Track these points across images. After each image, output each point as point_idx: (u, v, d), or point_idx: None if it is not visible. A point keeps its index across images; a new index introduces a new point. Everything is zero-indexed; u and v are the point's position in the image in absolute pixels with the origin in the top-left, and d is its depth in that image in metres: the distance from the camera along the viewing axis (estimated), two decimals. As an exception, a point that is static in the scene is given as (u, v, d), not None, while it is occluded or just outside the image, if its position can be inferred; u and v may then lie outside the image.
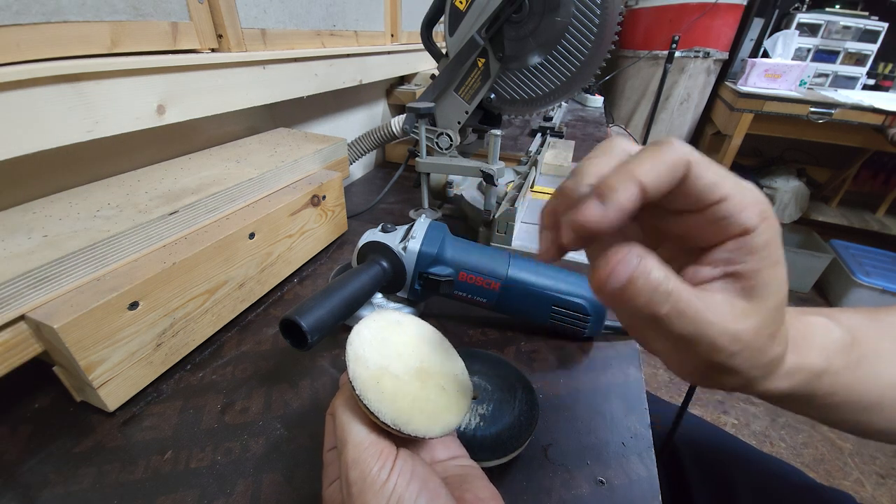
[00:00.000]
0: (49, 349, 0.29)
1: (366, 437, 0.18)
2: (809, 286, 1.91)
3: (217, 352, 0.38)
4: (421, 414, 0.19)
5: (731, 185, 0.15)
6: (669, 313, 0.15)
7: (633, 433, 0.32)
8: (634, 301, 0.15)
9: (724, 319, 0.15)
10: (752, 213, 0.15)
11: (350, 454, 0.18)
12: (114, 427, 0.31)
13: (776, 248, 0.16)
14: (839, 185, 2.10)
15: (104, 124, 0.36)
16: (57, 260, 0.28)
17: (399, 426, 0.18)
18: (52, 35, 0.32)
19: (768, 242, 0.15)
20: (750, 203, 0.15)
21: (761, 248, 0.15)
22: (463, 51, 0.49)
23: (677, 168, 0.15)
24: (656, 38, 1.85)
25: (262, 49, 0.51)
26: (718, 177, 0.15)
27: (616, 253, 0.15)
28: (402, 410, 0.18)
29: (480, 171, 0.50)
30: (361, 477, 0.17)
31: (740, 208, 0.15)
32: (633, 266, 0.15)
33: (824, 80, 1.86)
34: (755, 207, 0.15)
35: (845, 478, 1.17)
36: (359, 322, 0.22)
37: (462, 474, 0.21)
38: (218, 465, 0.29)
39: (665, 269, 0.15)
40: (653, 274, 0.15)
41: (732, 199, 0.15)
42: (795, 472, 0.45)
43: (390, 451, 0.18)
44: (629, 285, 0.15)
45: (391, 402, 0.18)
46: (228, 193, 0.41)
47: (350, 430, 0.18)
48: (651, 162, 0.14)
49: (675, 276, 0.15)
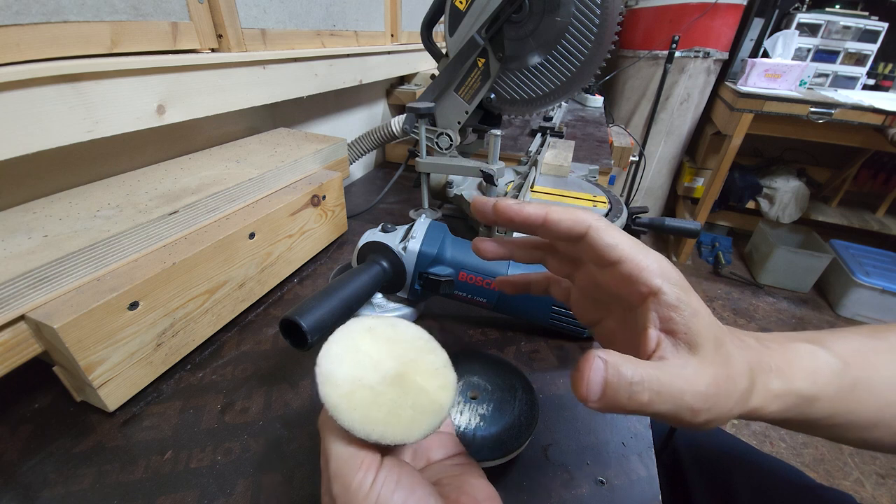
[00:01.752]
0: (49, 349, 0.29)
1: (345, 450, 0.18)
2: (809, 286, 1.91)
3: (217, 352, 0.38)
4: (398, 421, 0.19)
5: (627, 250, 0.18)
6: (651, 399, 0.16)
7: (633, 433, 0.32)
8: (618, 402, 0.16)
9: (690, 383, 0.17)
10: (651, 275, 0.18)
11: (332, 467, 0.18)
12: (114, 427, 0.31)
13: (690, 302, 0.18)
14: (839, 185, 2.10)
15: (104, 124, 0.36)
16: (57, 260, 0.28)
17: (375, 438, 0.18)
18: (53, 35, 0.32)
19: (679, 299, 0.18)
20: (647, 266, 0.18)
21: (676, 305, 0.17)
22: (463, 51, 0.49)
23: (578, 224, 0.19)
24: (656, 37, 1.85)
25: (262, 49, 0.51)
26: (615, 241, 0.19)
27: (583, 366, 0.16)
28: (377, 422, 0.18)
29: (480, 171, 0.50)
30: (344, 489, 0.17)
31: (638, 270, 0.18)
32: (601, 369, 0.16)
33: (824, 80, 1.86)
34: (651, 272, 0.18)
35: (845, 478, 1.17)
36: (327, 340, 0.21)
37: (459, 475, 0.21)
38: (218, 465, 0.29)
39: (630, 360, 0.16)
40: (622, 369, 0.16)
41: (629, 262, 0.18)
42: (795, 472, 0.45)
43: (372, 460, 0.18)
44: (608, 389, 0.16)
45: (364, 416, 0.18)
46: (228, 193, 0.41)
47: (330, 444, 0.18)
48: (563, 212, 0.20)
49: (640, 362, 0.17)
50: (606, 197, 0.53)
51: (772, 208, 2.00)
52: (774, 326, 1.73)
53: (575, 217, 0.19)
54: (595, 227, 0.19)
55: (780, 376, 0.20)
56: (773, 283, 1.96)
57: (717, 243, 2.20)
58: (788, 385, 0.20)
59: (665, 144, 2.08)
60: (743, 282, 2.01)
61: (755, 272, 2.03)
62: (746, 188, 2.02)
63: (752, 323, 1.75)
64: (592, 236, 0.19)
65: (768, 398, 0.19)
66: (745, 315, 1.79)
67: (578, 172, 0.63)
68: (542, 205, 0.20)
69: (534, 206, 0.20)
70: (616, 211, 0.51)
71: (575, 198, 0.53)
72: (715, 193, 1.89)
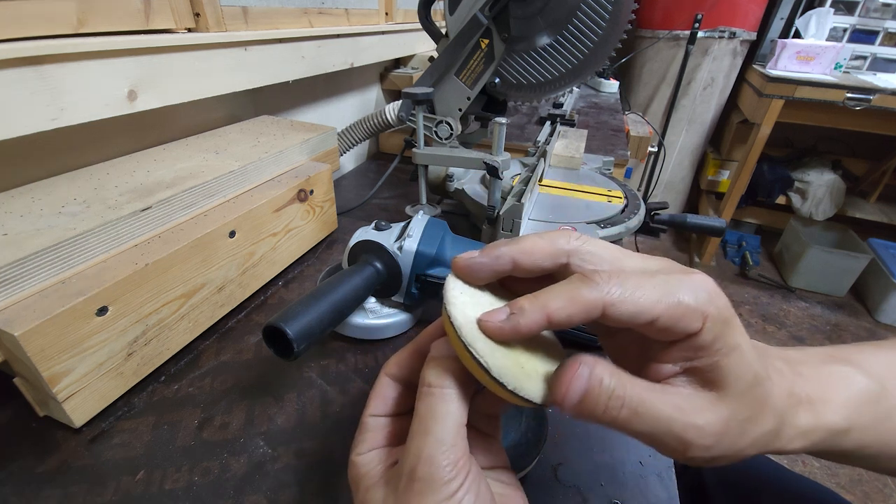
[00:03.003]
0: (9, 359, 0.29)
1: (451, 438, 0.18)
2: (846, 290, 1.91)
3: (194, 362, 0.38)
4: (530, 375, 0.19)
5: (660, 306, 0.17)
6: (627, 416, 0.17)
7: (651, 451, 0.32)
8: (593, 412, 0.17)
9: (686, 414, 0.17)
10: (689, 321, 0.17)
11: (428, 448, 0.18)
12: (81, 445, 0.31)
13: (728, 337, 0.17)
14: (878, 179, 2.10)
15: (70, 111, 0.36)
16: (18, 261, 0.28)
17: (512, 387, 0.18)
18: (12, 13, 0.32)
19: (716, 338, 0.17)
20: (685, 313, 0.17)
21: (711, 344, 0.17)
22: (464, 31, 0.49)
23: (591, 311, 0.17)
24: (677, 16, 1.85)
25: (243, 29, 0.51)
26: (642, 304, 0.17)
27: (568, 370, 0.17)
28: (513, 368, 0.18)
29: (484, 162, 0.50)
30: (430, 478, 0.17)
31: (675, 321, 0.17)
32: (584, 379, 0.17)
33: (862, 63, 1.86)
34: (692, 314, 0.17)
35: (885, 501, 1.17)
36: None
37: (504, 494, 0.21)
38: (195, 487, 0.29)
39: (617, 374, 0.17)
40: (604, 382, 0.16)
41: (663, 318, 0.17)
42: (830, 495, 0.45)
43: (465, 464, 0.18)
44: (585, 398, 0.17)
45: (503, 357, 0.18)
46: (207, 188, 0.41)
47: (439, 419, 0.18)
48: (565, 300, 0.17)
49: (629, 379, 0.17)
50: (622, 191, 0.53)
51: (804, 204, 2.00)
52: (807, 334, 1.73)
53: (586, 301, 0.17)
54: (611, 304, 0.17)
55: (810, 409, 0.20)
56: (806, 287, 1.96)
57: (744, 242, 2.20)
58: (818, 420, 0.20)
59: (687, 133, 2.08)
60: (772, 285, 2.01)
61: (786, 274, 2.03)
62: (776, 182, 2.02)
63: (783, 330, 1.75)
64: (614, 313, 0.17)
65: (792, 436, 0.19)
66: (774, 321, 1.79)
67: (591, 164, 0.63)
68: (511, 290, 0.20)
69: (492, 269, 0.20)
70: (633, 207, 0.51)
71: (587, 192, 0.53)
72: (742, 188, 1.88)
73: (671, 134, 2.05)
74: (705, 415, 0.17)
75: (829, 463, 1.25)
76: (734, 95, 2.05)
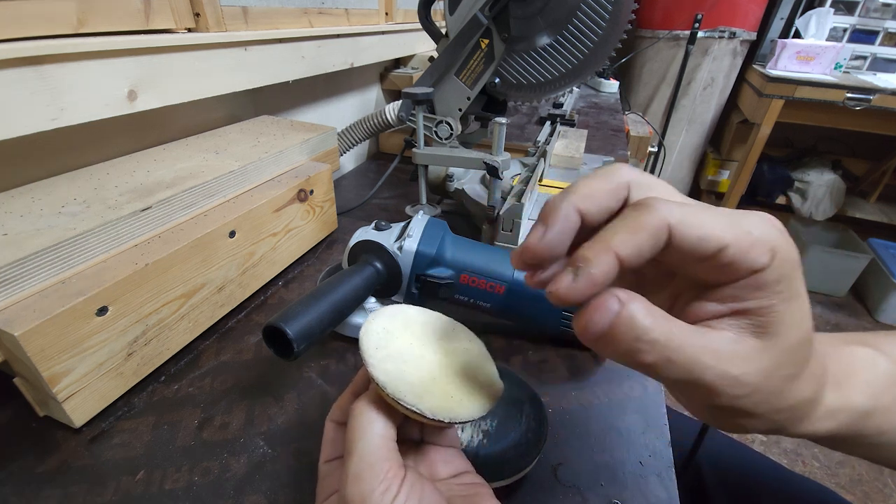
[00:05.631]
0: (9, 359, 0.29)
1: (374, 452, 0.18)
2: (846, 290, 1.91)
3: (194, 362, 0.38)
4: (450, 396, 0.19)
5: (728, 232, 0.15)
6: (657, 361, 0.15)
7: (651, 451, 0.32)
8: (616, 349, 0.15)
9: (723, 362, 0.15)
10: (758, 254, 0.15)
11: (354, 467, 0.17)
12: (81, 445, 0.31)
13: (793, 281, 0.15)
14: (878, 179, 2.10)
15: (70, 111, 0.36)
16: (18, 261, 0.28)
17: (423, 409, 0.18)
18: (12, 13, 0.32)
19: (782, 277, 0.15)
20: (754, 243, 0.15)
21: (773, 284, 0.15)
22: (464, 31, 0.49)
23: (658, 236, 0.15)
24: (677, 16, 1.85)
25: (243, 29, 0.51)
26: (709, 228, 0.15)
27: (598, 298, 0.15)
28: (427, 393, 0.19)
29: (484, 162, 0.50)
30: (361, 496, 0.17)
31: (743, 252, 0.15)
32: (612, 313, 0.15)
33: (862, 63, 1.86)
34: (762, 246, 0.15)
35: (885, 501, 1.17)
36: (365, 321, 0.22)
37: (468, 495, 0.21)
38: (195, 487, 0.29)
39: (653, 313, 0.15)
40: (636, 321, 0.15)
41: (732, 246, 0.15)
42: (830, 495, 0.45)
43: (398, 471, 0.18)
44: (610, 332, 0.15)
45: (414, 384, 0.19)
46: (207, 188, 0.41)
47: (361, 437, 0.18)
48: (628, 232, 0.15)
49: (666, 319, 0.15)
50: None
51: (804, 204, 2.00)
52: (807, 334, 1.73)
53: (652, 225, 0.15)
54: (678, 223, 0.15)
55: (836, 389, 0.19)
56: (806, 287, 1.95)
57: (744, 242, 2.19)
58: (844, 400, 0.19)
59: (687, 133, 2.08)
60: (772, 285, 2.01)
61: (786, 274, 2.03)
62: (776, 182, 2.02)
63: (783, 330, 1.75)
64: (681, 235, 0.15)
65: (821, 415, 0.19)
66: (774, 321, 1.79)
67: (591, 164, 0.63)
68: (566, 215, 0.16)
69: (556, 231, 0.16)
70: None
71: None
72: (742, 187, 1.89)
73: (671, 134, 2.05)
74: (745, 364, 0.15)
75: (829, 463, 1.25)
76: (734, 95, 2.05)
